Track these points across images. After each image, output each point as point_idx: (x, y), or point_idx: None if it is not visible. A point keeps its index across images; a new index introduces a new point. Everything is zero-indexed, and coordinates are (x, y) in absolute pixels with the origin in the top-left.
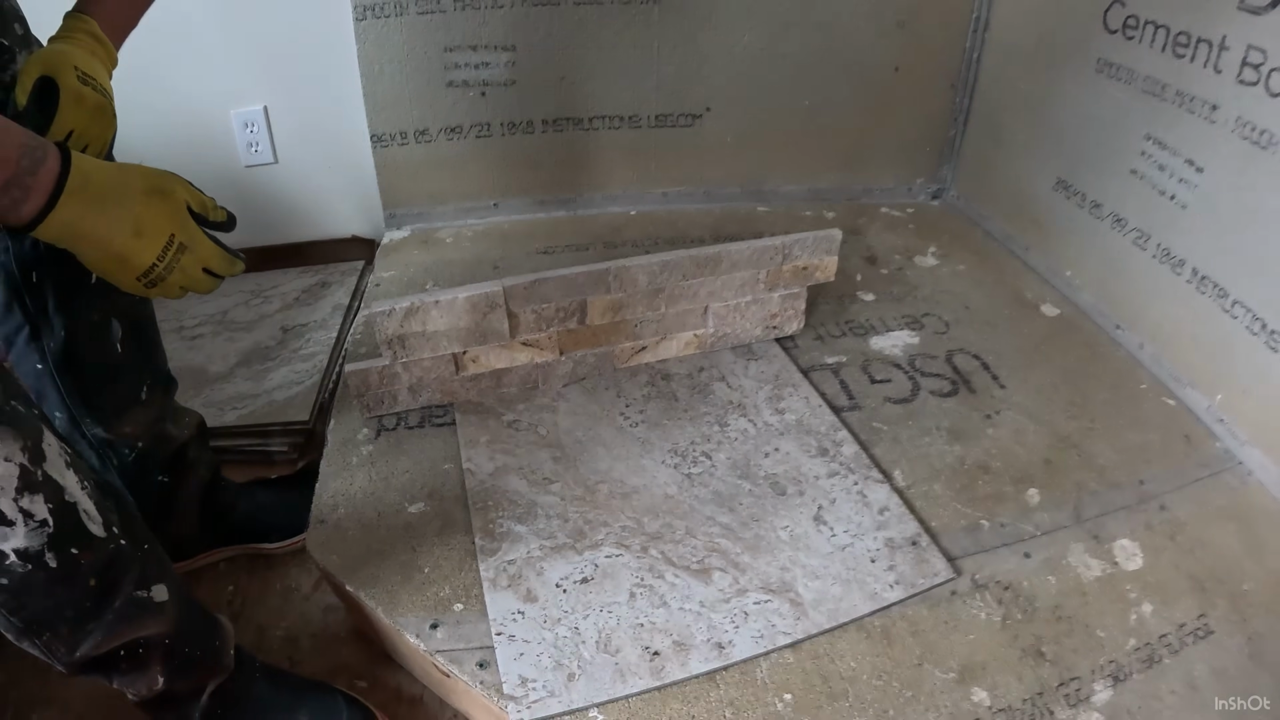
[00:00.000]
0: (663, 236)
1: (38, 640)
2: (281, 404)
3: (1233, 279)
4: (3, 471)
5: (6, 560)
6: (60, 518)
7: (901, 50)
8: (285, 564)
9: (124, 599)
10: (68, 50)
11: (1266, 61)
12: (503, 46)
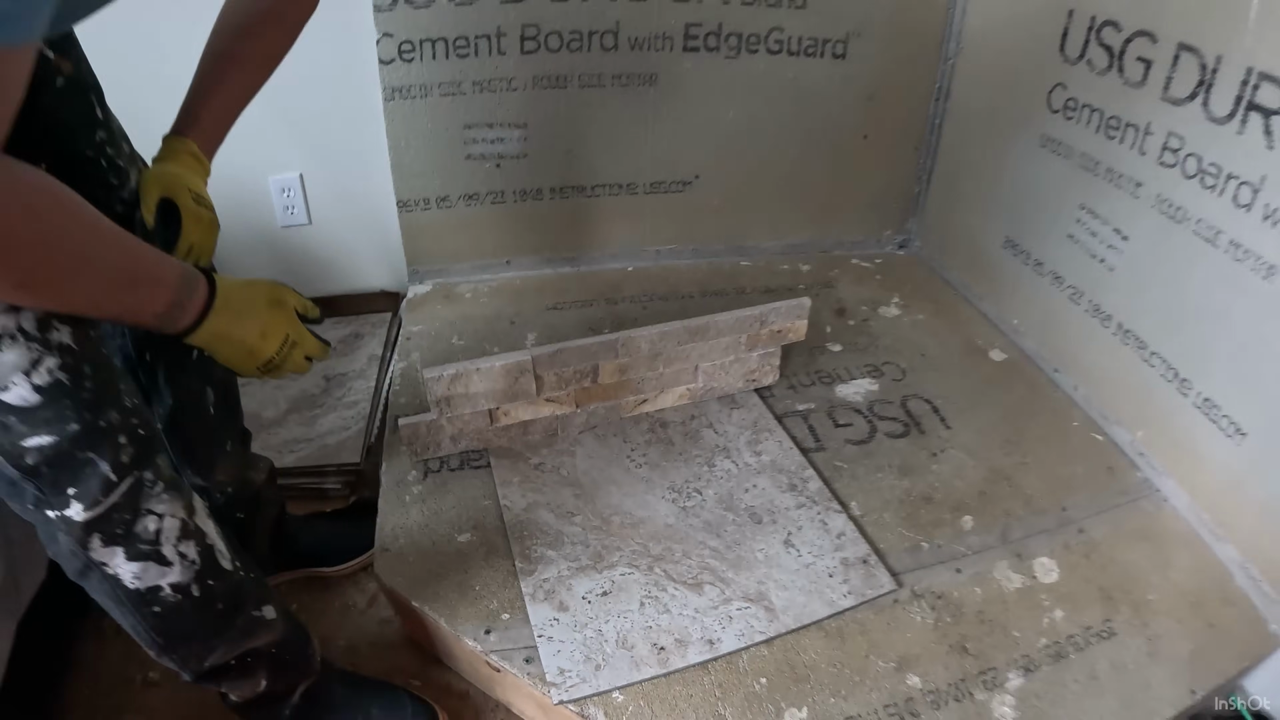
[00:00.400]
0: (657, 292)
1: (174, 655)
2: (334, 447)
3: (1151, 333)
4: (170, 525)
5: (162, 592)
6: (204, 557)
7: (870, 120)
8: (341, 585)
9: (244, 618)
10: (180, 173)
11: (1184, 147)
12: (515, 124)
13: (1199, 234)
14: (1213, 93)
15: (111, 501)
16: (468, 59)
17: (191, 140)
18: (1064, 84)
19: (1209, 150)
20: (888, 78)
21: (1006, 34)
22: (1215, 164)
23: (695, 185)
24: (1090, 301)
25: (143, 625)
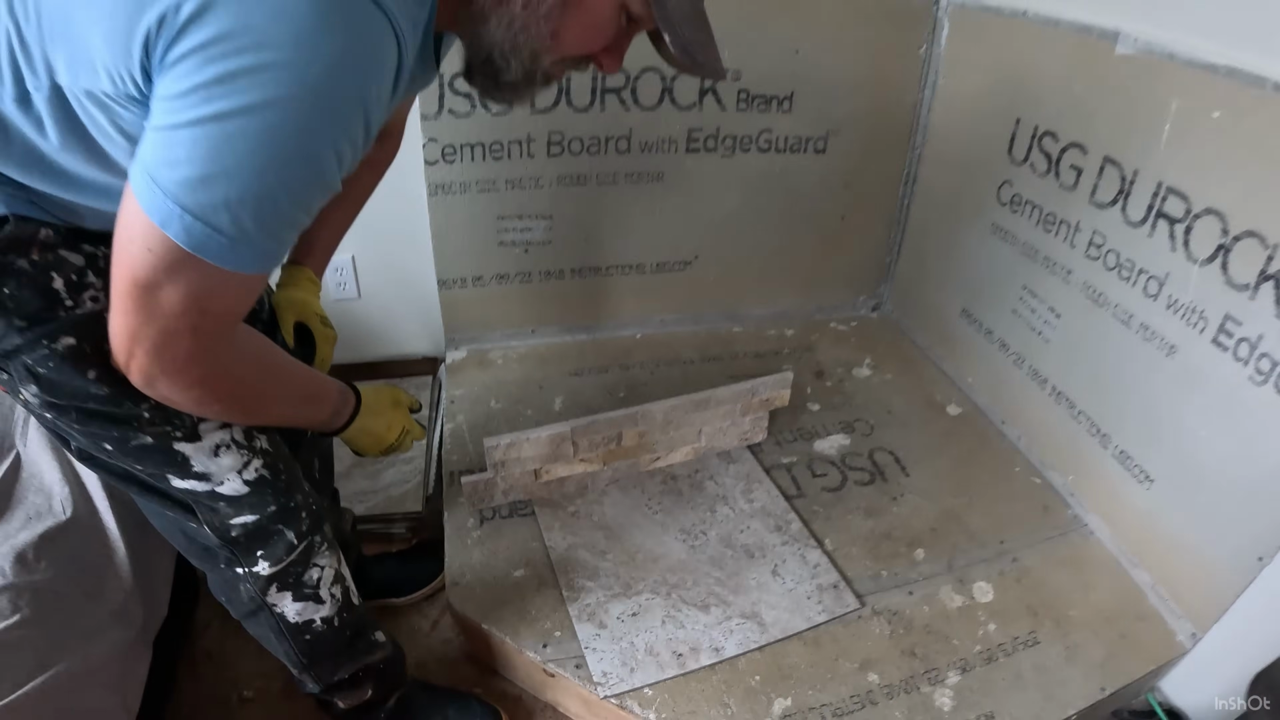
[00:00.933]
0: (663, 358)
1: (312, 672)
2: (398, 498)
3: (1078, 395)
4: (327, 574)
5: (314, 625)
6: (344, 596)
7: (848, 203)
8: (408, 613)
9: (365, 641)
10: (306, 299)
11: (1106, 244)
12: (542, 215)
13: (1116, 316)
14: (1130, 200)
15: (290, 559)
16: (501, 161)
17: (308, 267)
18: (1011, 181)
19: (1125, 248)
20: (863, 167)
21: (965, 133)
22: (1130, 259)
23: (695, 264)
24: (1030, 366)
25: (294, 650)
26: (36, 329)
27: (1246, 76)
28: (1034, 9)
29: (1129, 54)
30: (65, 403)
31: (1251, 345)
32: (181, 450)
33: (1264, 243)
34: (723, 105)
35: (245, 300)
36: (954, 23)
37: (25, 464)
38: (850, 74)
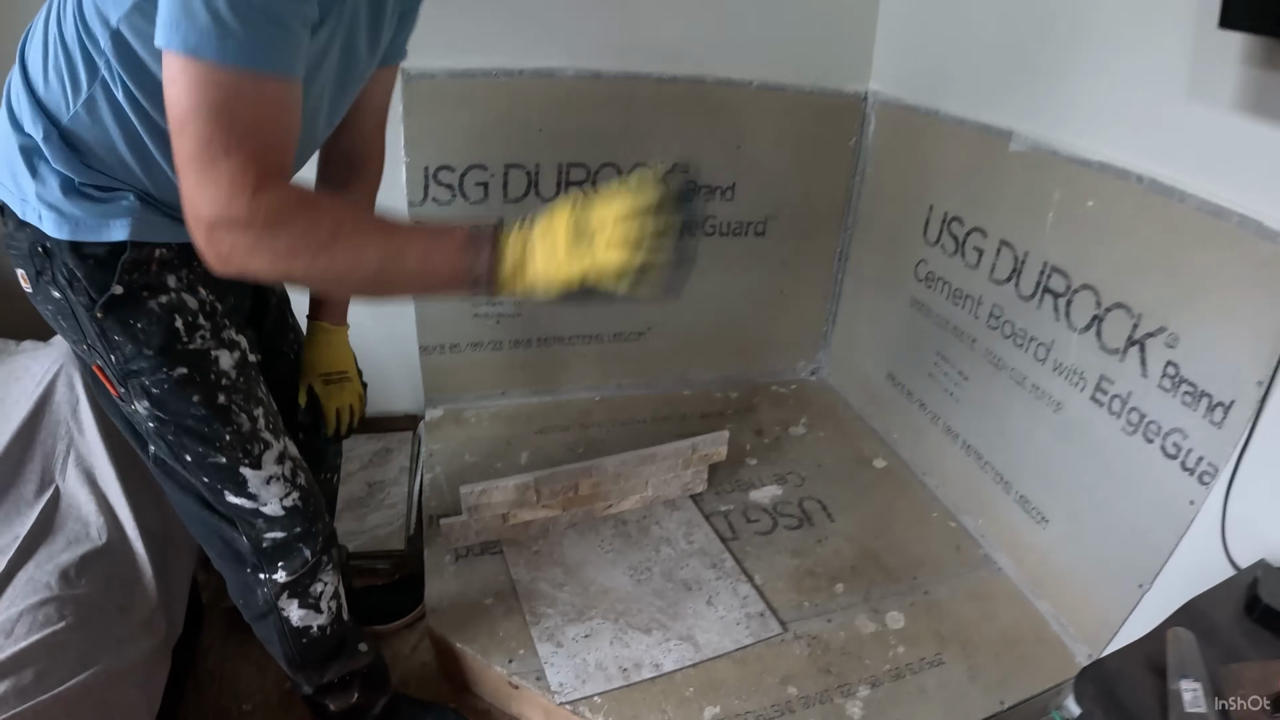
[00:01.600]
0: (619, 418)
1: (304, 672)
2: (382, 537)
3: (984, 448)
4: (329, 588)
5: (311, 631)
6: (338, 609)
7: (786, 279)
8: (391, 639)
9: (350, 649)
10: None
11: (1003, 316)
12: None
13: (1013, 378)
14: (1021, 277)
15: (303, 572)
16: None
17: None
18: (926, 260)
19: (1019, 318)
20: (799, 247)
21: (889, 216)
22: (1023, 329)
23: (647, 334)
24: (944, 423)
25: (292, 651)
26: (159, 358)
27: (1115, 170)
28: (944, 109)
29: (1020, 151)
30: (169, 418)
31: (1123, 401)
32: (244, 473)
33: (1130, 313)
34: None
35: (263, 109)
36: (879, 118)
37: (64, 496)
38: (788, 165)
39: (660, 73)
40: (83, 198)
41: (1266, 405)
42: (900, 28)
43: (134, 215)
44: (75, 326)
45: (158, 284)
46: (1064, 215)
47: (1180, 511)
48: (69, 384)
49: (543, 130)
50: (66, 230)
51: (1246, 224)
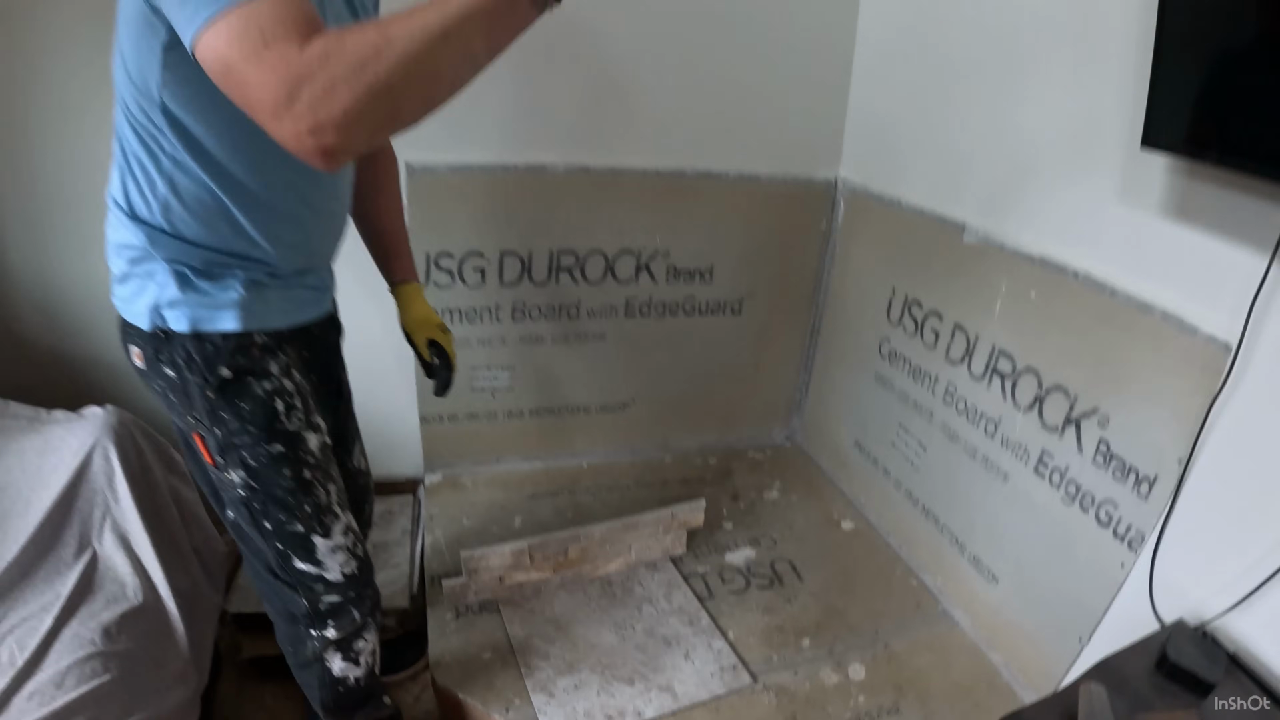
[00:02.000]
0: (604, 483)
1: (331, 717)
2: (388, 595)
3: (941, 512)
4: (369, 646)
5: (349, 681)
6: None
7: (761, 353)
8: (396, 690)
9: (376, 699)
10: (426, 316)
11: (957, 393)
12: (506, 367)
13: (965, 450)
14: (973, 358)
15: (351, 631)
16: (475, 324)
17: (404, 280)
18: (889, 339)
19: (970, 396)
20: (774, 323)
21: (856, 296)
22: (974, 406)
23: (631, 405)
24: (905, 489)
25: (329, 698)
26: (260, 435)
27: (1054, 266)
28: (906, 199)
29: (973, 243)
30: (260, 488)
31: (1061, 473)
32: (315, 541)
33: (1068, 395)
34: (655, 279)
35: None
36: (848, 204)
37: (101, 558)
38: (763, 248)
39: (644, 166)
40: (197, 292)
41: (1186, 481)
42: (867, 121)
43: (242, 307)
44: (185, 402)
45: (262, 370)
46: (1010, 304)
47: (1112, 574)
48: (105, 456)
49: (536, 220)
50: (186, 323)
51: (1169, 319)
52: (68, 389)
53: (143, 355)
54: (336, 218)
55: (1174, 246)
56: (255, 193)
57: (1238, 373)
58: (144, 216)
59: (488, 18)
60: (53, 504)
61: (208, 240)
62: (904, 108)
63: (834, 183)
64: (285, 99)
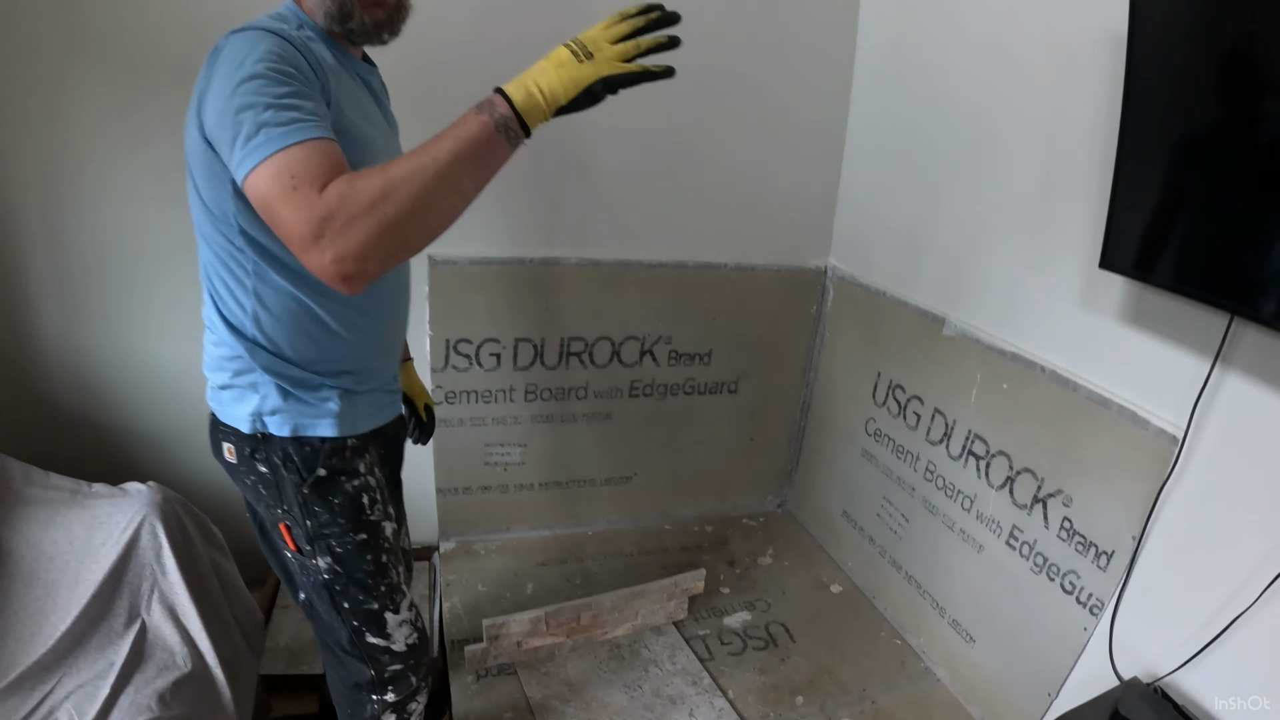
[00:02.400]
0: (609, 551)
1: None
2: None
3: (923, 578)
4: (419, 708)
5: None
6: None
7: (755, 427)
8: None
9: None
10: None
11: (936, 471)
12: (518, 444)
13: (944, 523)
14: (951, 440)
15: (407, 694)
16: (490, 404)
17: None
18: (874, 419)
19: (949, 474)
20: (767, 400)
21: (843, 376)
22: (952, 483)
23: (634, 478)
24: (890, 556)
25: None
26: (348, 525)
27: (1024, 361)
28: (891, 291)
29: (952, 335)
30: (344, 572)
31: (1030, 546)
32: (386, 617)
33: (1035, 476)
34: (658, 362)
35: (312, 158)
36: (836, 290)
37: (150, 628)
38: (758, 332)
39: (649, 259)
40: (298, 401)
41: (1139, 555)
42: (854, 216)
43: (338, 416)
44: (276, 495)
45: (351, 469)
46: (985, 392)
47: (1076, 636)
48: (152, 532)
49: (548, 309)
50: (287, 429)
51: (1124, 413)
52: (98, 457)
53: (235, 451)
54: (404, 296)
55: (1129, 349)
56: (331, 291)
57: (1183, 462)
58: (241, 329)
59: (472, 158)
60: (104, 577)
61: (300, 348)
62: (889, 207)
63: (824, 270)
64: (311, 235)
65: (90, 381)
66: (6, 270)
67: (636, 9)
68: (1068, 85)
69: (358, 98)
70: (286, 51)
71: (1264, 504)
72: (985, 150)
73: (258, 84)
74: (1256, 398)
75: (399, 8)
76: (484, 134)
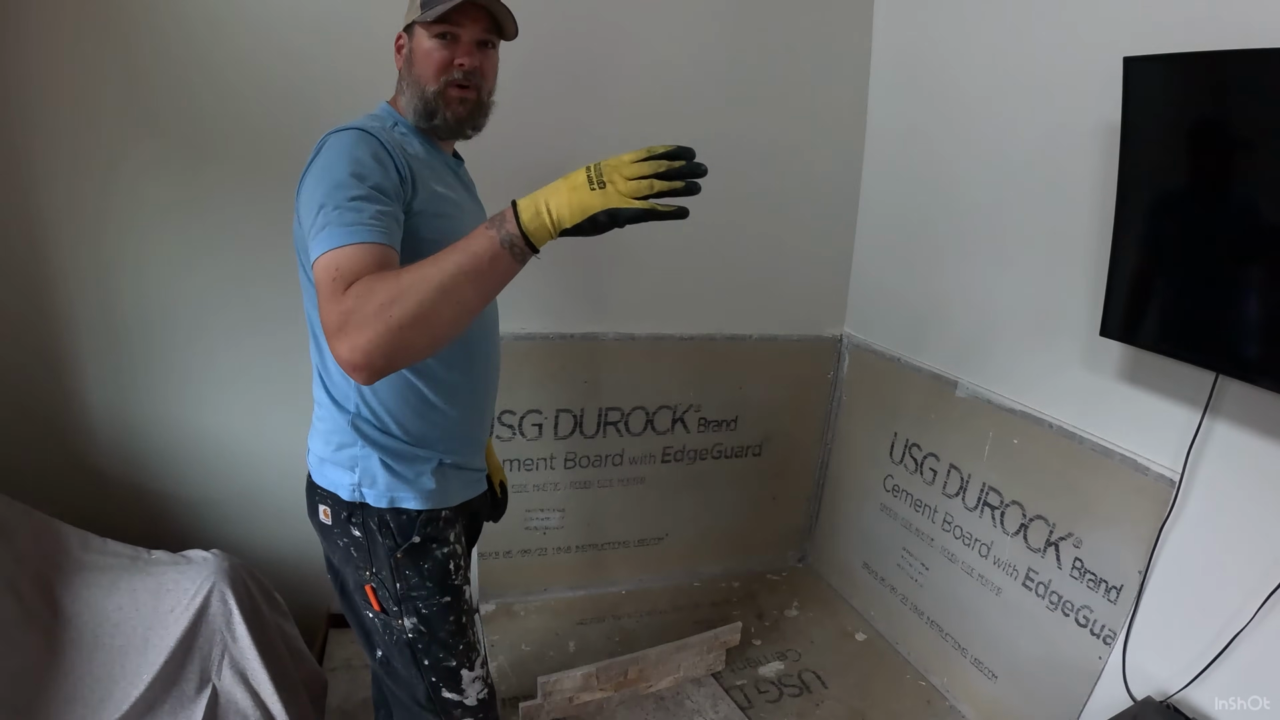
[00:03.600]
0: (644, 609)
1: None
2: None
3: (944, 622)
4: None
5: None
6: None
7: (777, 486)
8: None
9: None
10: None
11: (954, 521)
12: (557, 509)
13: (963, 569)
14: (966, 492)
15: None
16: (531, 471)
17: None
18: (892, 475)
19: (965, 524)
20: (788, 461)
21: (860, 438)
22: (969, 532)
23: (666, 539)
24: (912, 604)
25: None
26: (437, 589)
27: (1033, 418)
28: (904, 357)
29: (964, 397)
30: (428, 631)
31: (1046, 586)
32: (463, 674)
33: (1046, 522)
34: (688, 429)
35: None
36: (852, 357)
37: (221, 693)
38: (780, 398)
39: (680, 333)
40: (397, 477)
41: (1146, 587)
42: (868, 286)
43: (434, 490)
44: (367, 559)
45: (442, 537)
46: (997, 448)
47: (1092, 665)
48: (222, 599)
49: (587, 381)
50: (385, 501)
51: (1126, 461)
52: (148, 524)
53: (331, 514)
54: (495, 373)
55: (1128, 403)
56: (432, 368)
57: (1181, 502)
58: (344, 405)
59: (476, 271)
60: (175, 643)
61: (402, 421)
62: (899, 280)
63: (839, 338)
64: (336, 326)
65: (135, 448)
66: (58, 336)
67: (665, 149)
68: (1067, 171)
69: (446, 179)
70: (378, 153)
71: (1254, 534)
72: (990, 231)
73: (338, 186)
74: (1243, 442)
75: (479, 105)
76: (490, 250)
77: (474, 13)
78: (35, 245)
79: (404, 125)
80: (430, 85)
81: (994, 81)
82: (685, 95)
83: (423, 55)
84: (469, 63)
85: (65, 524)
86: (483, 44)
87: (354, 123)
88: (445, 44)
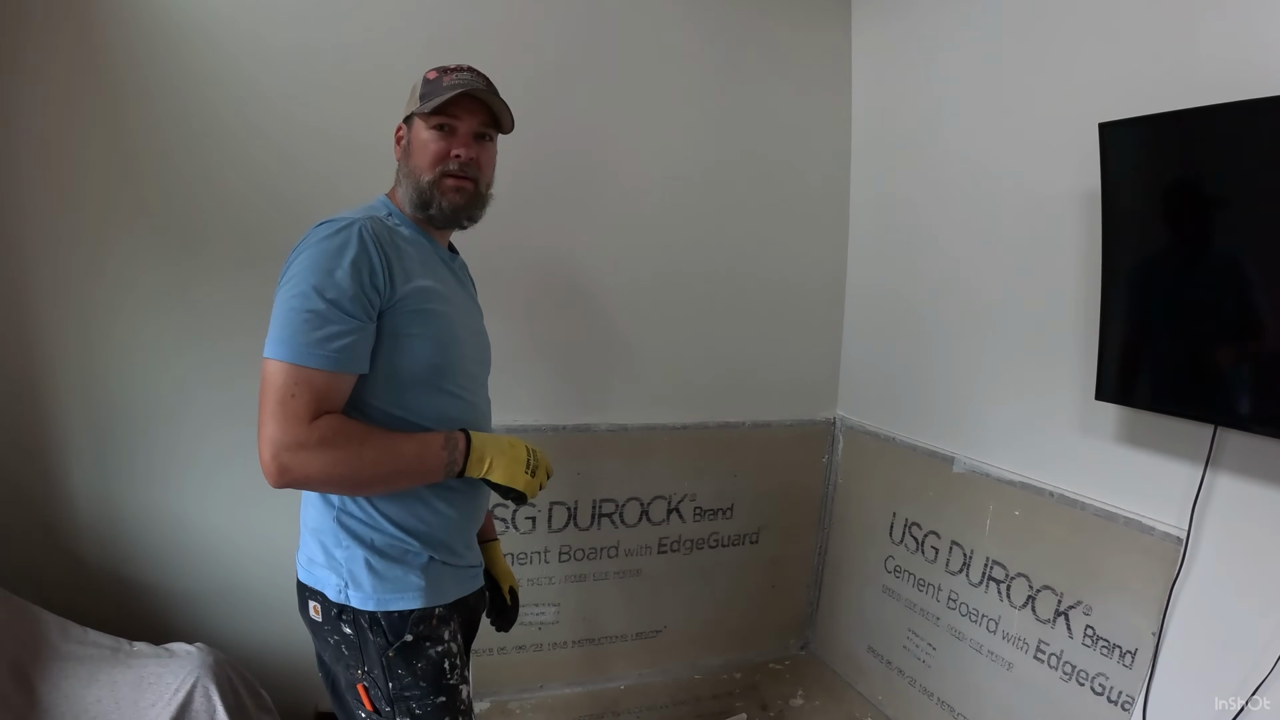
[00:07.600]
0: (644, 704)
1: None
2: None
3: (956, 701)
4: None
5: None
6: None
7: (775, 573)
8: None
9: None
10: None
11: (959, 598)
12: (552, 604)
13: (972, 646)
14: (970, 569)
15: None
16: (525, 565)
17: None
18: (893, 556)
19: (971, 600)
20: (786, 548)
21: (859, 519)
22: (976, 609)
23: (664, 632)
24: (920, 685)
25: None
26: (431, 689)
27: (1033, 489)
28: (900, 436)
29: (962, 472)
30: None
31: (1058, 657)
32: None
33: (1054, 592)
34: (683, 519)
35: (317, 385)
36: (846, 439)
37: None
38: (774, 484)
39: (673, 423)
40: (383, 579)
41: (1161, 649)
42: (858, 370)
43: (426, 588)
44: (359, 657)
45: (436, 635)
46: (998, 521)
47: None
48: (205, 694)
49: (581, 473)
50: (373, 604)
51: (1130, 523)
52: (128, 614)
53: (321, 611)
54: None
55: (1128, 465)
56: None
57: (1189, 559)
58: (330, 500)
59: (417, 474)
60: None
61: (391, 515)
62: (889, 360)
63: (833, 420)
64: (283, 443)
65: (117, 536)
66: (41, 422)
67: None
68: (1049, 239)
69: (438, 272)
70: (357, 258)
71: (1266, 583)
72: (977, 303)
73: (315, 293)
74: (1247, 492)
75: (476, 195)
76: (437, 468)
77: (471, 105)
78: (20, 330)
79: (398, 216)
80: (426, 175)
81: (973, 156)
82: (672, 204)
83: (420, 145)
84: (465, 154)
85: (45, 611)
86: (480, 136)
87: (346, 215)
88: (443, 135)
